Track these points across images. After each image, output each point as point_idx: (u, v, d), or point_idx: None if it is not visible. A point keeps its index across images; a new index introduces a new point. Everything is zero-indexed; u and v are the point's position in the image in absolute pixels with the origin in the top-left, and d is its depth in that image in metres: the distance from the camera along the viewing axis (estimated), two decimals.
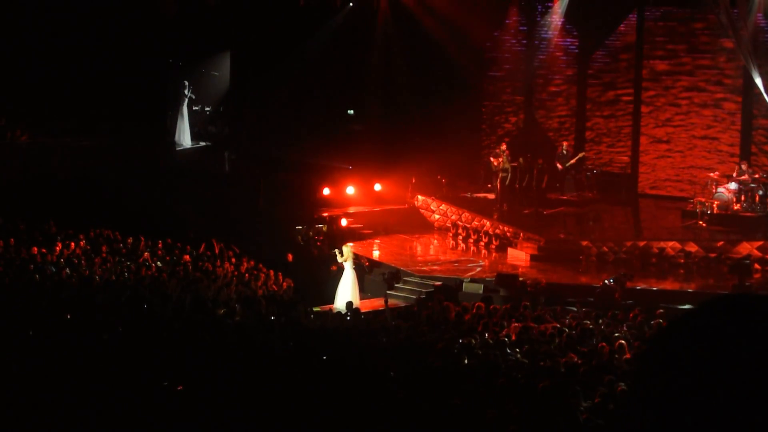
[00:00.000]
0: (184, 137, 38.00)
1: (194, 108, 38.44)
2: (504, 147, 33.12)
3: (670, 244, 28.04)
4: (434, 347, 16.93)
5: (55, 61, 34.47)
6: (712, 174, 31.18)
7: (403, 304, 25.04)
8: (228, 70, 38.85)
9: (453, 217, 32.03)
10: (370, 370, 14.65)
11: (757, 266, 26.93)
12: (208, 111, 39.21)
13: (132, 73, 34.80)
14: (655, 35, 34.77)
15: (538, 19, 36.81)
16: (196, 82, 38.60)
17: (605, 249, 28.23)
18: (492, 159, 32.95)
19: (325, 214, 32.43)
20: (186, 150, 38.21)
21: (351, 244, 29.41)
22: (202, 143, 38.71)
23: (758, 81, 31.06)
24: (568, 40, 36.43)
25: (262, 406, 12.27)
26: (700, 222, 29.66)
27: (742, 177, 30.05)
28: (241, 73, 38.58)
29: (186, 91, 37.85)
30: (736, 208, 29.80)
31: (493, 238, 30.08)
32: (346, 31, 36.63)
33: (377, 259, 28.81)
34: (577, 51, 36.39)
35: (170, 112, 37.91)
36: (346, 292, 24.93)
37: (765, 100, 31.42)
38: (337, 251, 25.76)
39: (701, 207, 29.84)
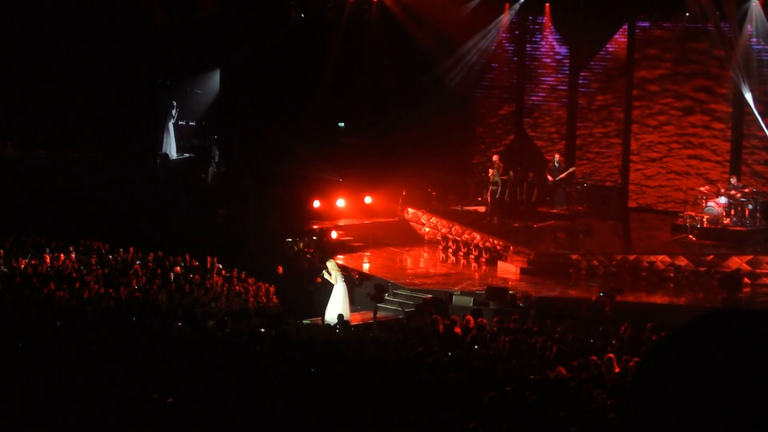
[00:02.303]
0: (171, 150, 38.36)
1: (180, 122, 38.76)
2: (496, 159, 33.19)
3: (660, 257, 28.07)
4: (424, 360, 16.92)
5: (46, 73, 34.45)
6: (702, 188, 31.27)
7: (393, 317, 25.01)
8: (213, 87, 39.06)
9: (443, 230, 32.04)
10: (359, 383, 14.64)
11: (746, 280, 26.96)
12: (192, 125, 39.50)
13: (122, 88, 34.82)
14: (645, 48, 34.88)
15: (528, 35, 36.95)
16: (182, 98, 38.82)
17: (595, 262, 28.27)
18: (489, 169, 33.04)
19: (316, 227, 32.42)
20: (172, 162, 38.36)
21: (342, 257, 29.47)
22: (187, 155, 38.99)
23: (748, 96, 31.17)
24: (560, 54, 36.52)
25: (252, 419, 12.26)
26: (690, 236, 29.72)
27: (732, 191, 30.13)
28: (231, 87, 38.64)
29: (173, 111, 38.23)
30: (725, 222, 29.86)
31: (483, 252, 30.09)
32: (336, 44, 36.68)
33: (367, 272, 28.80)
34: (568, 63, 36.49)
35: (159, 126, 38.22)
36: (337, 304, 24.89)
37: (755, 115, 31.53)
38: (325, 272, 25.68)
39: (691, 221, 29.91)
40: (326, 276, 25.52)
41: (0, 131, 34.35)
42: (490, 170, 32.91)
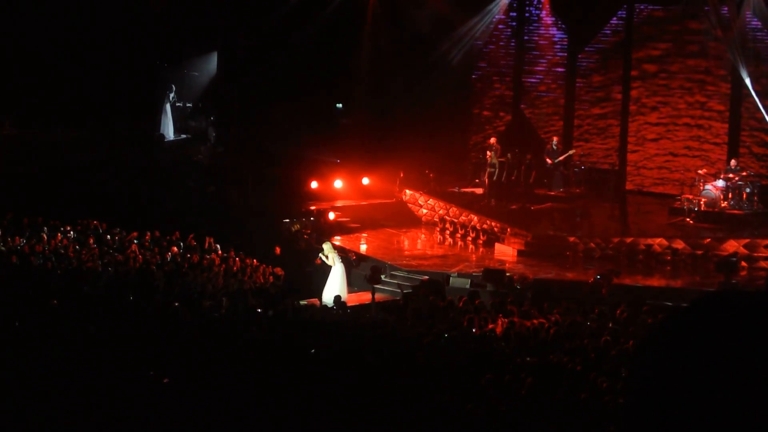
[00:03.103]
0: (168, 131, 38.43)
1: (177, 104, 38.82)
2: (493, 141, 33.14)
3: (657, 240, 28.08)
4: (420, 342, 16.94)
5: (45, 53, 34.41)
6: (699, 171, 31.23)
7: (390, 299, 25.03)
8: (210, 69, 39.05)
9: (440, 212, 32.03)
10: (356, 364, 14.66)
11: (743, 264, 26.97)
12: (189, 107, 39.53)
13: (120, 69, 34.78)
14: (644, 32, 34.78)
15: (527, 16, 36.86)
16: (178, 80, 38.84)
17: (592, 245, 28.27)
18: (487, 152, 32.95)
19: (313, 208, 32.40)
20: (169, 142, 38.43)
21: (339, 238, 29.48)
22: (184, 136, 39.06)
23: (747, 80, 31.13)
24: (558, 35, 36.43)
25: (248, 399, 12.28)
26: (688, 219, 29.72)
27: (730, 174, 30.11)
28: (229, 67, 38.58)
29: (172, 95, 38.26)
30: (723, 205, 29.84)
31: (481, 233, 30.09)
32: (335, 25, 36.57)
33: (364, 253, 28.79)
34: (566, 46, 36.39)
35: (157, 108, 38.26)
36: (335, 285, 24.90)
37: (753, 97, 31.49)
38: (321, 255, 25.65)
39: (688, 204, 29.91)
40: (323, 258, 25.52)
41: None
42: (488, 152, 32.86)
